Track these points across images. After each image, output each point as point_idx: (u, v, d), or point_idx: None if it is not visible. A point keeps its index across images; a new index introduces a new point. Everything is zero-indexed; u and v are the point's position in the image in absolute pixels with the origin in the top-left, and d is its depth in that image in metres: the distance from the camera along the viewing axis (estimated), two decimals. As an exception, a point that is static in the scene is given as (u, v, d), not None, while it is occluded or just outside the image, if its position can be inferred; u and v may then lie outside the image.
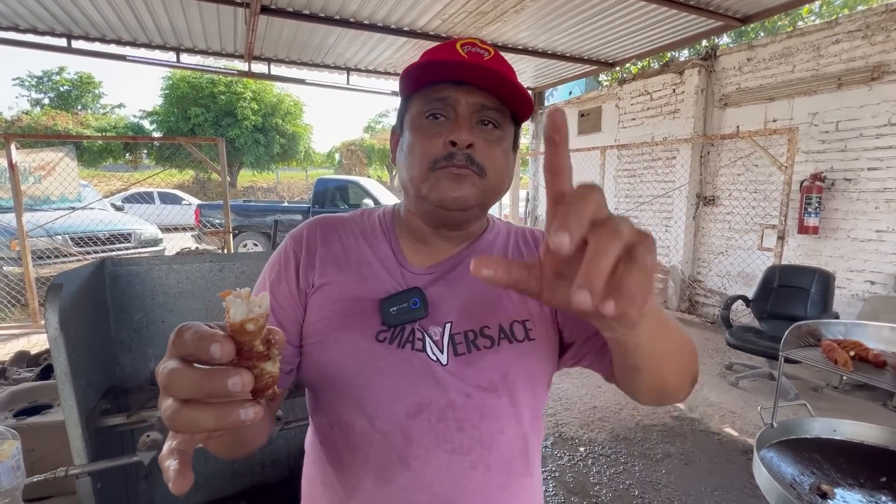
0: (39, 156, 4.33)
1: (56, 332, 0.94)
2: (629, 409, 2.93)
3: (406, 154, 0.57)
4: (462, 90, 0.55)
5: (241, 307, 0.31)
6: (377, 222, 0.64)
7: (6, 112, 20.43)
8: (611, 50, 5.25)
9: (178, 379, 0.29)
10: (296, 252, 0.60)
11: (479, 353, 0.56)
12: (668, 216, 5.21)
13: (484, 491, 0.54)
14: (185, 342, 0.30)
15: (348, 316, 0.56)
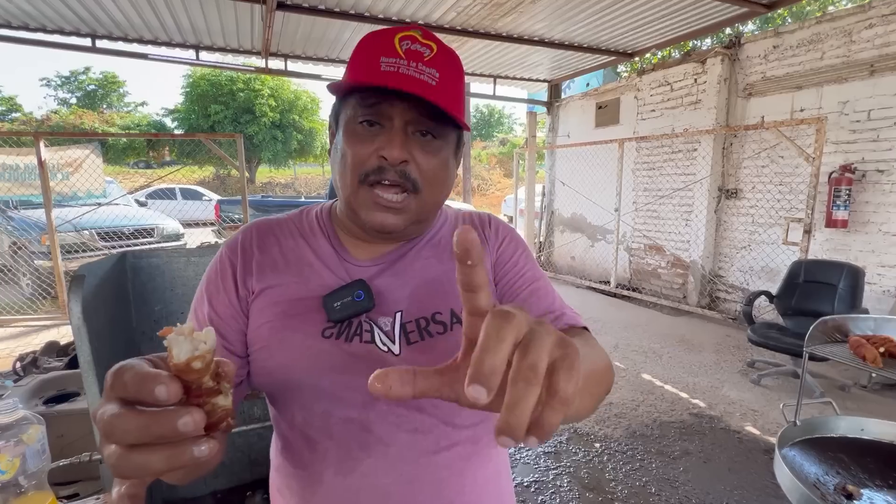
0: (67, 153, 4.47)
1: (79, 322, 0.96)
2: (646, 405, 2.89)
3: (338, 158, 0.55)
4: (396, 99, 0.51)
5: (185, 345, 0.29)
6: (315, 220, 0.63)
7: (36, 112, 21.15)
8: (630, 40, 5.13)
9: (121, 424, 0.27)
10: (231, 260, 0.58)
11: (433, 340, 0.55)
12: (689, 210, 5.09)
13: (449, 466, 0.55)
14: (125, 384, 0.28)
15: (291, 317, 0.54)
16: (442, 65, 0.53)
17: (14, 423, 0.73)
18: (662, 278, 5.52)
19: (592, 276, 6.33)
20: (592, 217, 6.44)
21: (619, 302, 5.46)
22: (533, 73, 6.58)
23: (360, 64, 0.52)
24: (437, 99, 0.50)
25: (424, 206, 0.56)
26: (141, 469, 0.28)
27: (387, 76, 0.50)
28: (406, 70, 0.50)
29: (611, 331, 4.35)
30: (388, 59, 0.51)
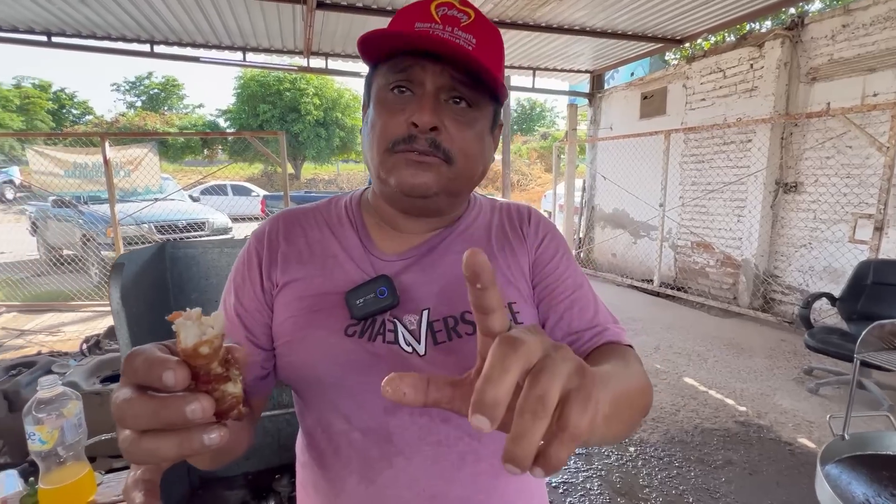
0: (128, 152, 4.83)
1: (118, 307, 1.03)
2: (687, 410, 2.74)
3: (368, 130, 0.53)
4: (429, 62, 0.48)
5: (193, 330, 0.29)
6: (343, 210, 0.60)
7: (106, 115, 22.96)
8: (678, 25, 4.86)
9: (132, 409, 0.27)
10: (258, 251, 0.57)
11: (461, 341, 0.51)
12: (741, 205, 4.76)
13: (474, 482, 0.51)
14: (135, 370, 0.28)
15: (315, 312, 0.52)
16: (480, 32, 0.51)
17: (55, 398, 0.79)
18: (711, 277, 5.21)
19: (634, 274, 6.08)
20: (635, 212, 6.18)
21: (663, 301, 5.22)
22: (574, 63, 6.38)
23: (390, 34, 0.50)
24: (472, 61, 0.47)
25: (458, 178, 0.52)
26: (151, 455, 0.28)
27: (419, 37, 0.47)
28: (441, 33, 0.49)
29: (652, 331, 4.16)
30: (423, 23, 0.49)
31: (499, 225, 0.60)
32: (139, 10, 4.25)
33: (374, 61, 0.53)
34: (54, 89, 22.27)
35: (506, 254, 0.57)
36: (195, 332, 0.28)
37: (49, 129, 19.07)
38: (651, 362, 3.46)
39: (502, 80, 0.51)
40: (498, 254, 0.57)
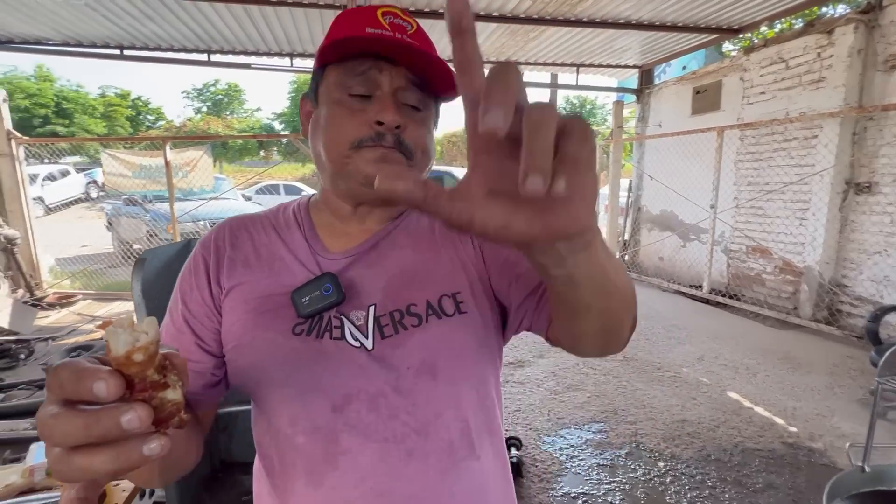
0: (186, 154, 5.22)
1: (139, 299, 1.11)
2: (727, 427, 2.56)
3: (323, 130, 0.54)
4: (386, 66, 0.51)
5: (124, 337, 0.28)
6: (291, 215, 0.61)
7: (175, 120, 24.89)
8: (734, 14, 4.54)
9: (60, 425, 0.26)
10: (205, 258, 0.57)
11: (407, 333, 0.52)
12: (804, 207, 4.37)
13: (422, 478, 0.51)
14: (62, 384, 0.26)
15: (262, 314, 0.53)
16: (423, 41, 0.54)
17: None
18: (767, 285, 4.82)
19: (682, 280, 5.75)
20: (685, 214, 5.84)
21: (712, 309, 4.89)
22: (621, 58, 6.13)
23: (343, 32, 0.52)
24: (422, 56, 0.50)
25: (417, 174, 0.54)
26: (84, 471, 0.27)
27: (375, 35, 0.50)
28: (392, 39, 0.51)
29: (696, 341, 3.91)
30: (374, 29, 0.51)
31: None
32: (198, 23, 4.58)
33: (326, 62, 0.55)
34: (132, 97, 24.46)
35: (449, 246, 0.58)
36: (127, 339, 0.28)
37: (127, 133, 20.98)
38: (693, 374, 3.26)
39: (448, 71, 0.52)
40: (442, 246, 0.58)
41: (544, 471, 2.20)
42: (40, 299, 4.83)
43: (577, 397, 2.92)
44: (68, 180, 13.73)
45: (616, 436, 2.48)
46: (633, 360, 3.51)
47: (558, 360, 3.50)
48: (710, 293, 5.07)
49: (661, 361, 3.48)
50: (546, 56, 5.95)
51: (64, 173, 13.70)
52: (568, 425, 2.60)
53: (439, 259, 0.57)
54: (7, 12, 4.26)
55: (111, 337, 0.27)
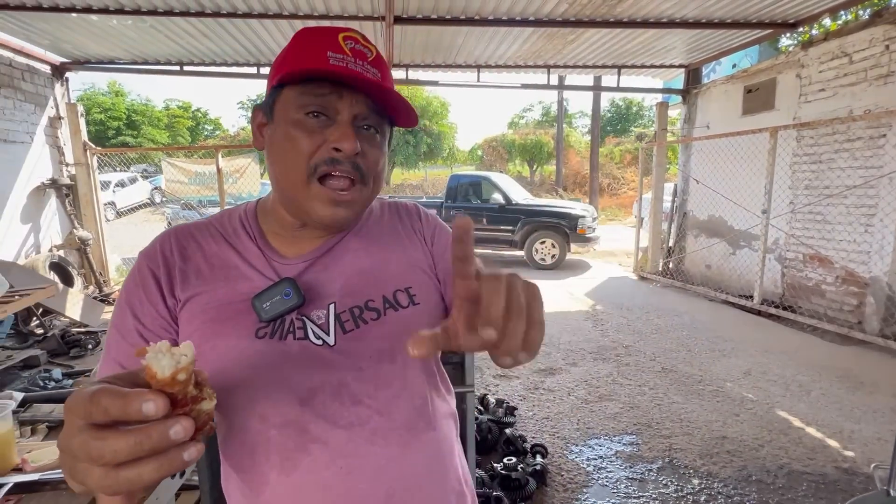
0: (235, 161, 5.56)
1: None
2: (773, 447, 2.39)
3: (280, 149, 0.55)
4: (346, 93, 0.53)
5: (166, 360, 0.30)
6: (238, 223, 0.62)
7: (231, 129, 26.45)
8: (789, 7, 4.28)
9: (109, 445, 0.28)
10: (153, 271, 0.57)
11: (367, 327, 0.57)
12: (870, 212, 4.01)
13: (386, 453, 0.55)
14: (104, 409, 0.28)
15: (221, 322, 0.54)
16: (381, 67, 0.57)
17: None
18: (827, 297, 4.45)
19: (732, 289, 5.42)
20: (734, 220, 5.52)
21: (764, 321, 4.58)
22: (665, 58, 5.92)
23: (305, 55, 0.53)
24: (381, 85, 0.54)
25: (369, 199, 0.59)
26: (134, 482, 0.29)
27: (338, 69, 0.52)
28: (354, 66, 0.53)
29: (743, 354, 3.68)
30: (336, 54, 0.53)
31: (390, 222, 0.67)
32: (248, 39, 4.89)
33: (283, 82, 0.55)
34: (193, 109, 26.26)
35: (402, 244, 0.64)
36: (169, 362, 0.30)
37: (187, 142, 22.54)
38: (737, 389, 3.07)
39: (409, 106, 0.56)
40: (391, 248, 0.63)
41: (570, 480, 2.15)
42: (107, 295, 5.29)
43: (608, 408, 2.83)
44: (136, 187, 14.95)
45: (648, 449, 2.38)
46: (671, 371, 3.36)
47: (591, 368, 3.41)
48: (761, 304, 4.76)
49: (703, 374, 3.31)
50: (585, 59, 5.84)
51: (133, 180, 14.93)
52: (598, 435, 2.52)
53: (391, 259, 0.62)
54: (85, 36, 4.74)
55: (154, 361, 0.30)
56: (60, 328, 3.97)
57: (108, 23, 4.37)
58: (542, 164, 22.95)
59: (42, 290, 2.74)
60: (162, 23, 4.39)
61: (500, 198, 7.63)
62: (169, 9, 4.10)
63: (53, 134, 5.34)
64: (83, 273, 5.39)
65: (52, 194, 5.28)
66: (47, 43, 4.99)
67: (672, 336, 4.11)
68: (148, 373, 0.30)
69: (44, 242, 5.16)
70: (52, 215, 5.30)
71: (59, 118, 5.38)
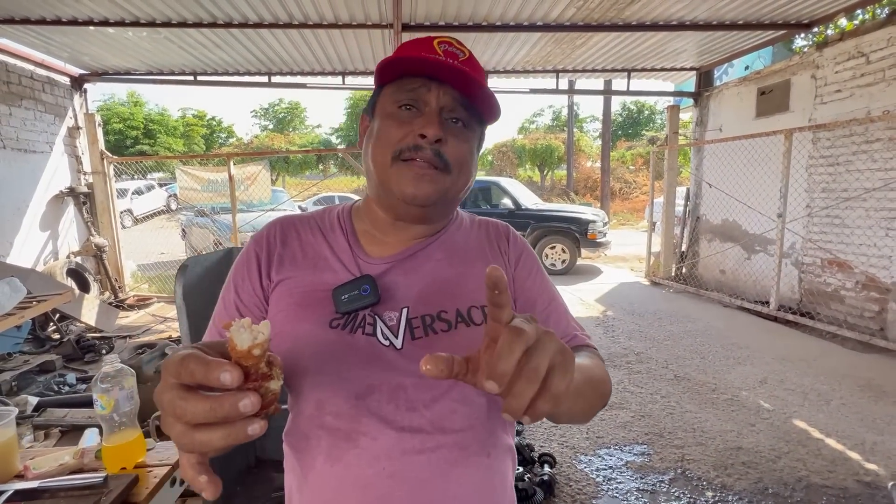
0: (246, 169, 5.63)
1: (180, 302, 1.22)
2: (790, 459, 2.31)
3: (373, 140, 0.60)
4: (434, 85, 0.57)
5: (245, 335, 0.33)
6: (335, 218, 0.67)
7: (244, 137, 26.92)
8: (803, 7, 4.21)
9: (190, 407, 0.31)
10: (257, 252, 0.63)
11: (436, 337, 0.58)
12: (891, 215, 3.90)
13: (433, 467, 0.54)
14: (191, 372, 0.31)
15: (303, 307, 0.59)
16: (473, 67, 0.60)
17: (116, 373, 0.97)
18: (847, 303, 4.33)
19: (747, 295, 5.31)
20: (749, 224, 5.41)
21: (781, 328, 4.46)
22: (675, 61, 5.86)
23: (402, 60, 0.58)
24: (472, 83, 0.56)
25: (453, 188, 0.60)
26: (204, 445, 0.32)
27: (423, 56, 0.56)
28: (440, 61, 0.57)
29: (760, 361, 3.59)
30: (429, 55, 0.57)
31: (477, 238, 0.68)
32: (260, 49, 4.97)
33: (381, 83, 0.61)
34: (208, 117, 26.79)
35: (482, 264, 0.64)
36: (248, 336, 0.33)
37: (202, 150, 22.97)
38: (753, 398, 2.99)
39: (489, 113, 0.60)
40: (473, 263, 0.64)
41: (578, 491, 2.11)
42: (122, 301, 5.39)
43: (619, 416, 2.78)
44: (153, 194, 15.27)
45: (660, 460, 2.32)
46: (684, 379, 3.29)
47: (602, 376, 3.35)
48: (778, 310, 4.64)
49: (717, 383, 3.23)
50: (595, 63, 5.82)
51: (149, 188, 15.26)
52: (608, 445, 2.47)
53: (471, 274, 0.63)
54: (102, 48, 4.87)
55: (235, 334, 0.33)
56: (76, 333, 4.04)
57: (124, 35, 4.49)
58: (552, 169, 22.87)
59: (59, 296, 2.79)
60: (176, 34, 4.49)
61: (510, 203, 7.61)
62: (182, 20, 4.19)
63: (72, 143, 5.49)
64: (99, 279, 5.51)
65: (69, 202, 5.41)
66: (66, 55, 5.14)
67: (685, 343, 4.03)
68: (230, 344, 0.33)
69: (62, 249, 5.29)
70: (69, 223, 5.43)
71: (78, 128, 5.52)
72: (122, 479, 0.92)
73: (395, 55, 0.58)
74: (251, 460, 1.65)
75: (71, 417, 2.23)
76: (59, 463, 0.96)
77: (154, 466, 0.99)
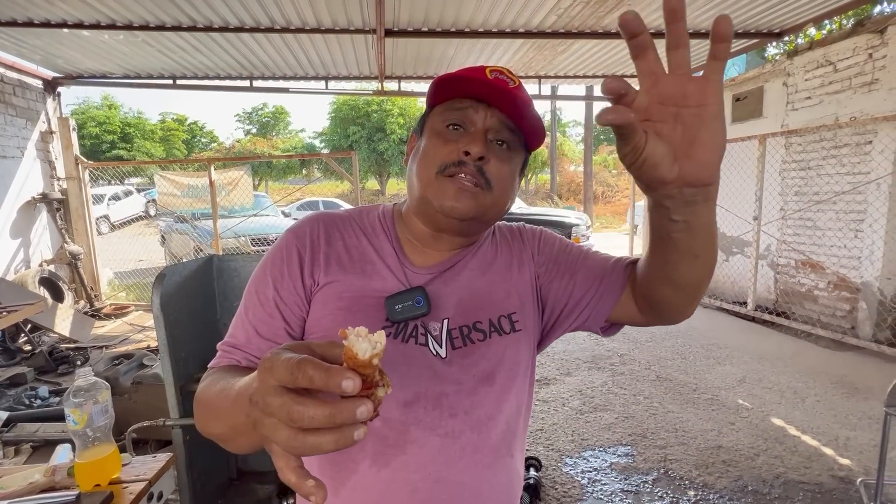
0: (228, 174, 5.55)
1: (158, 312, 1.20)
2: (768, 456, 2.37)
3: (419, 157, 0.61)
4: (482, 107, 0.59)
5: (365, 344, 0.32)
6: (377, 221, 0.67)
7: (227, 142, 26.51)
8: (775, 17, 4.35)
9: (309, 412, 0.31)
10: (299, 249, 0.62)
11: (474, 346, 0.60)
12: (859, 217, 4.04)
13: (472, 469, 0.58)
14: (310, 377, 0.31)
15: (353, 313, 0.59)
16: (521, 93, 0.61)
17: (90, 386, 0.94)
18: (820, 302, 4.47)
19: (726, 296, 5.44)
20: (727, 227, 5.55)
21: (758, 328, 4.58)
22: (654, 68, 5.98)
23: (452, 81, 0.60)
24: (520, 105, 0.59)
25: (492, 206, 0.61)
26: (315, 449, 0.32)
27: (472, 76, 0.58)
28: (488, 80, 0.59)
29: (738, 361, 3.68)
30: (479, 79, 0.59)
31: (502, 246, 0.70)
32: (241, 53, 4.91)
33: (433, 104, 0.63)
34: (189, 122, 26.31)
35: (509, 269, 0.67)
36: (367, 346, 0.32)
37: (183, 156, 22.55)
38: (732, 397, 3.06)
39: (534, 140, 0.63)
40: (504, 269, 0.67)
41: (564, 494, 2.12)
42: (98, 310, 5.23)
43: (603, 418, 2.81)
44: (131, 200, 14.90)
45: (643, 460, 2.36)
46: (666, 380, 3.35)
47: (586, 378, 3.39)
48: (755, 310, 4.77)
49: (698, 383, 3.29)
50: (576, 69, 5.91)
51: (127, 193, 14.88)
52: (592, 447, 2.50)
53: (498, 284, 0.66)
54: (77, 51, 4.75)
55: (355, 343, 0.33)
56: (49, 344, 3.91)
57: (99, 38, 4.39)
58: (536, 173, 23.10)
59: (30, 306, 2.70)
60: (154, 37, 4.41)
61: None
62: (161, 24, 4.12)
63: (45, 148, 5.33)
64: (74, 288, 5.34)
65: (42, 209, 5.25)
66: (39, 58, 5.00)
67: (667, 344, 4.10)
68: (347, 353, 0.32)
69: (34, 257, 5.12)
70: (42, 230, 5.26)
71: (51, 132, 5.36)
72: (95, 496, 0.89)
73: (448, 76, 0.60)
74: (233, 473, 1.62)
75: (43, 432, 2.16)
76: (29, 481, 0.93)
77: (130, 482, 0.96)
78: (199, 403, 0.53)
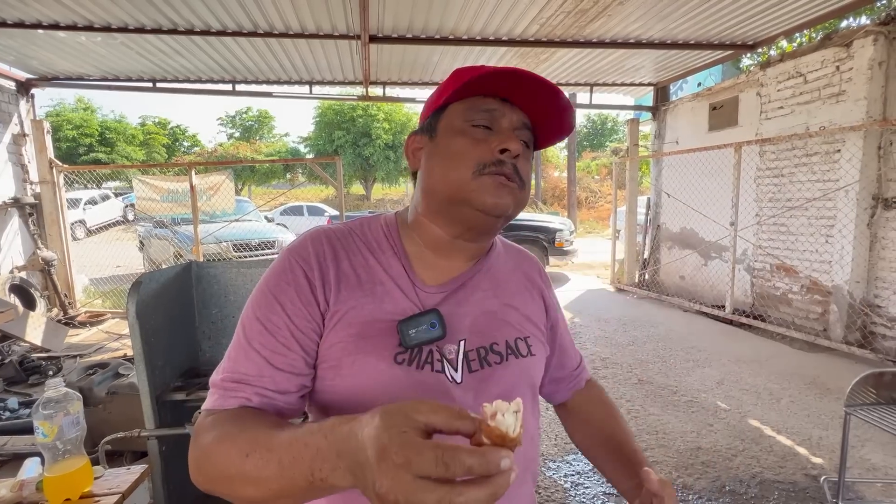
0: (209, 178, 5.47)
1: (133, 321, 1.17)
2: (746, 456, 2.43)
3: (444, 156, 0.58)
4: (508, 106, 0.58)
5: (514, 421, 0.34)
6: (382, 235, 0.63)
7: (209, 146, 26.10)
8: (748, 29, 4.50)
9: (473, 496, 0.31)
10: (306, 273, 0.57)
11: (491, 369, 0.59)
12: (830, 223, 4.19)
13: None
14: (469, 468, 0.31)
15: (365, 339, 0.55)
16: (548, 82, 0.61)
17: (61, 397, 0.92)
18: (794, 305, 4.60)
19: (705, 300, 5.56)
20: (705, 232, 5.69)
21: (736, 331, 4.70)
22: (635, 77, 6.13)
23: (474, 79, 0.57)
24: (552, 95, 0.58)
25: (521, 203, 0.60)
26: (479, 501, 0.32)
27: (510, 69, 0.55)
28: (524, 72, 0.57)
29: (717, 363, 3.76)
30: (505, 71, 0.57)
31: (513, 267, 0.70)
32: (222, 56, 4.86)
33: (447, 102, 0.60)
34: (172, 125, 25.84)
35: (524, 296, 0.68)
36: (515, 422, 0.34)
37: (163, 160, 22.11)
38: (711, 399, 3.12)
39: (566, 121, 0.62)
40: (518, 294, 0.67)
41: (547, 498, 2.13)
42: (73, 318, 5.08)
43: (586, 421, 2.84)
44: (108, 204, 14.54)
45: (625, 463, 2.39)
46: (647, 383, 3.40)
47: (569, 382, 3.42)
48: (733, 314, 4.88)
49: (678, 385, 3.35)
50: (559, 77, 6.00)
51: (105, 197, 14.52)
52: (575, 451, 2.52)
53: (514, 306, 0.65)
54: (52, 52, 4.64)
55: (502, 422, 0.34)
56: (19, 354, 3.78)
57: (76, 39, 4.30)
58: (521, 179, 23.24)
59: (-1, 315, 2.61)
60: (133, 40, 4.33)
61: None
62: (140, 26, 4.06)
63: (17, 151, 5.17)
64: (47, 295, 5.18)
65: (14, 213, 5.08)
66: (12, 59, 4.87)
67: (648, 347, 4.17)
68: (495, 430, 0.33)
69: (4, 264, 4.94)
70: (13, 235, 5.09)
71: (24, 135, 5.21)
72: (65, 510, 0.87)
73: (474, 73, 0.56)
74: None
75: (11, 445, 2.07)
76: (-5, 497, 0.90)
77: (102, 496, 0.94)
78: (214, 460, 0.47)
